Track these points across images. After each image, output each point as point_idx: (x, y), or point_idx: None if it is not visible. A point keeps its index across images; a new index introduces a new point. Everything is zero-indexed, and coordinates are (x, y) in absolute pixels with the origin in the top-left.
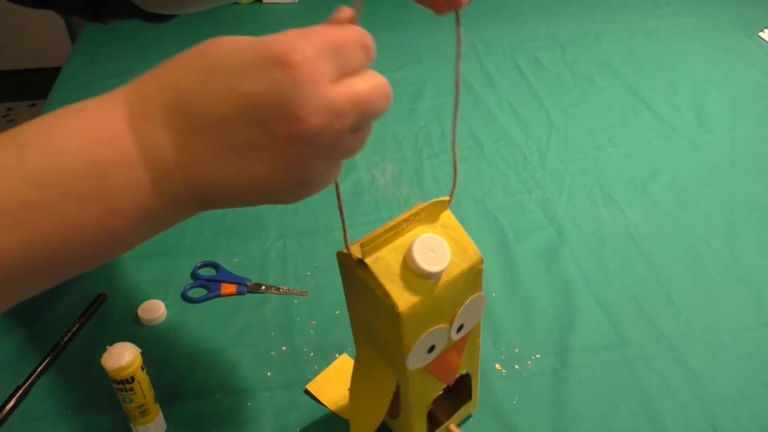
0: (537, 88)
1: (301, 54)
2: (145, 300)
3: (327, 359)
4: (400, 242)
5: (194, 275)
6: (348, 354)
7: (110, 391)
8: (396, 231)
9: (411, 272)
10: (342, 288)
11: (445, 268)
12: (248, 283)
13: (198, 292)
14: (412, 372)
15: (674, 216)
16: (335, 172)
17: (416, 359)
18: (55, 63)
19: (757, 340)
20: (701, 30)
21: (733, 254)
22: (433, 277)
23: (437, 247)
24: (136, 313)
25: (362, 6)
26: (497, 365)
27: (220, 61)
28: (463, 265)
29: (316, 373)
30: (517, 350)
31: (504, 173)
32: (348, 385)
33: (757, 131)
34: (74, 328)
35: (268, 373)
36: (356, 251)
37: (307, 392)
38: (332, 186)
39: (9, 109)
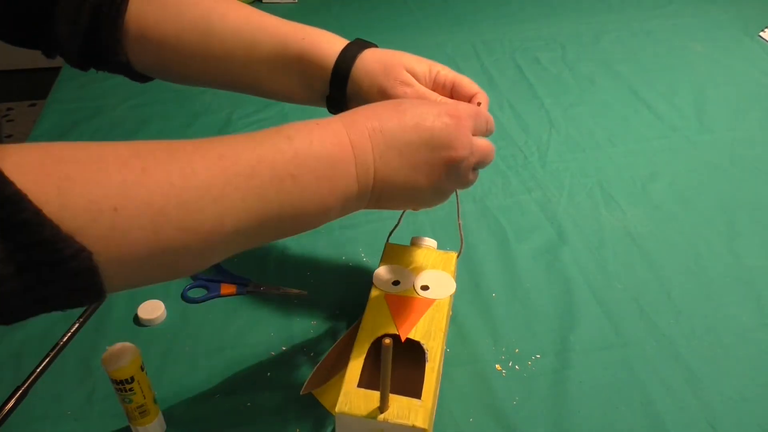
0: (537, 88)
1: (463, 111)
2: (145, 300)
3: None
4: None
5: (194, 275)
6: None
7: (110, 391)
8: None
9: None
10: (342, 288)
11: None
12: (248, 283)
13: (198, 292)
14: (373, 297)
15: (674, 216)
16: (453, 191)
17: (382, 280)
18: (55, 63)
19: (758, 340)
20: (701, 30)
21: (734, 254)
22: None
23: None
24: (136, 313)
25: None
26: (497, 365)
27: (413, 107)
28: (438, 252)
29: None
30: (517, 350)
31: (504, 173)
32: (347, 385)
33: (757, 131)
34: (74, 328)
35: (268, 373)
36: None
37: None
38: None
39: (9, 109)
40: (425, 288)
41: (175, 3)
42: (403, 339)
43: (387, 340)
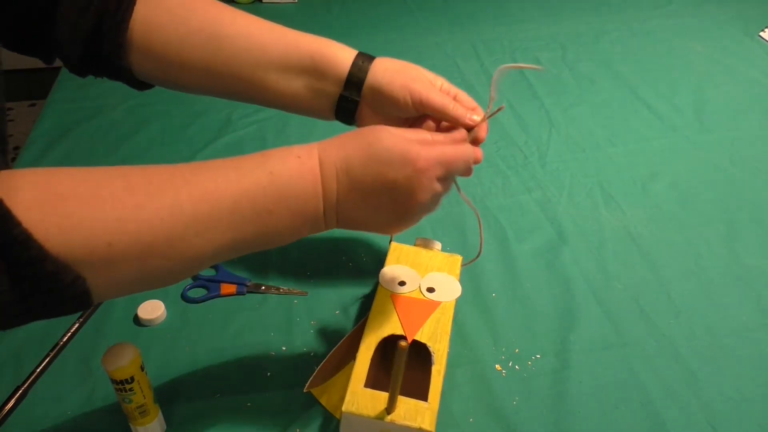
0: (537, 88)
1: (429, 163)
2: (145, 300)
3: None
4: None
5: (194, 275)
6: None
7: (110, 391)
8: None
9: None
10: (342, 288)
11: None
12: (248, 283)
13: (198, 292)
14: (379, 296)
15: (674, 216)
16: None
17: (388, 280)
18: (55, 63)
19: (758, 341)
20: (701, 30)
21: (734, 254)
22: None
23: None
24: (136, 314)
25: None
26: (497, 365)
27: (379, 153)
28: (444, 255)
29: None
30: (517, 350)
31: (504, 173)
32: (347, 386)
33: (757, 131)
34: (74, 328)
35: (268, 373)
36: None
37: (306, 392)
38: None
39: (9, 109)
40: (431, 290)
41: (182, 7)
42: (409, 340)
43: (403, 343)
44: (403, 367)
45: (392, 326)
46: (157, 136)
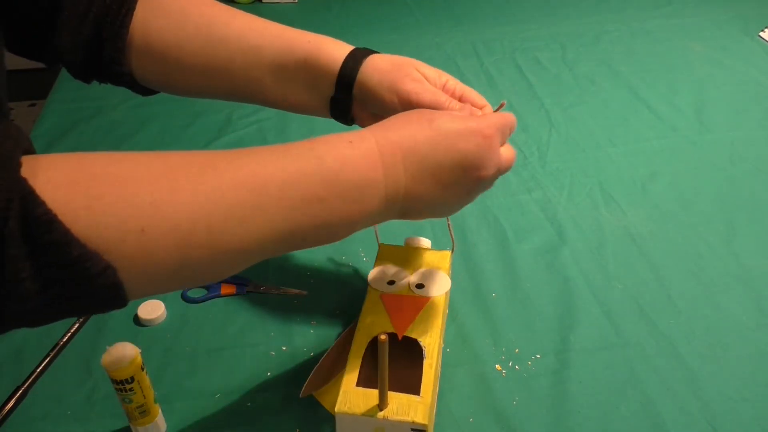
0: (537, 88)
1: (492, 130)
2: (145, 300)
3: None
4: None
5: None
6: None
7: (110, 391)
8: None
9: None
10: (342, 288)
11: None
12: (248, 283)
13: (198, 292)
14: (369, 297)
15: (674, 216)
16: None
17: (377, 280)
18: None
19: (758, 340)
20: (701, 30)
21: (733, 254)
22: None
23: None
24: (136, 313)
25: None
26: (497, 365)
27: (444, 127)
28: (433, 251)
29: None
30: (517, 350)
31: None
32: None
33: (757, 131)
34: (74, 328)
35: (268, 373)
36: None
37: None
38: None
39: (9, 109)
40: (420, 286)
41: (178, 12)
42: (399, 337)
43: (383, 336)
44: (387, 361)
45: (383, 325)
46: (157, 136)
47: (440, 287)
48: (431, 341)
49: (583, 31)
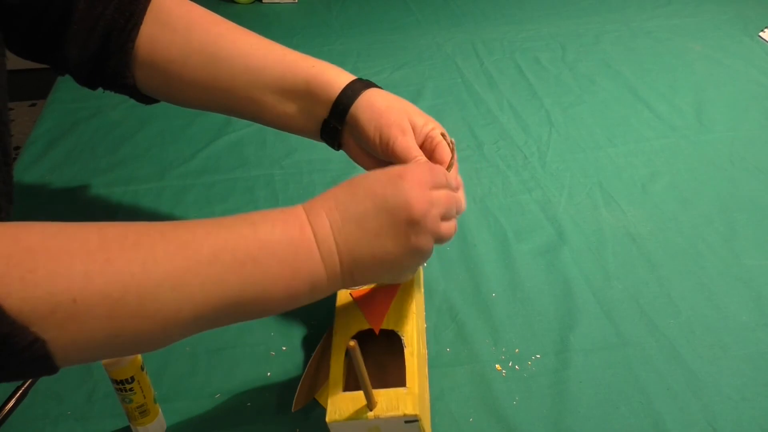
0: (537, 88)
1: (414, 170)
2: None
3: None
4: None
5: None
6: None
7: (110, 391)
8: None
9: None
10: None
11: None
12: None
13: None
14: (339, 299)
15: (674, 216)
16: (431, 247)
17: None
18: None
19: (758, 340)
20: (701, 30)
21: (733, 254)
22: None
23: None
24: None
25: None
26: (497, 365)
27: (362, 179)
28: None
29: None
30: (517, 350)
31: (504, 173)
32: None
33: (757, 131)
34: None
35: (268, 373)
36: None
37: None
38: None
39: (9, 109)
40: None
41: (184, 29)
42: (377, 331)
43: (351, 343)
44: (362, 364)
45: (358, 323)
46: (157, 136)
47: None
48: (409, 329)
49: (583, 31)
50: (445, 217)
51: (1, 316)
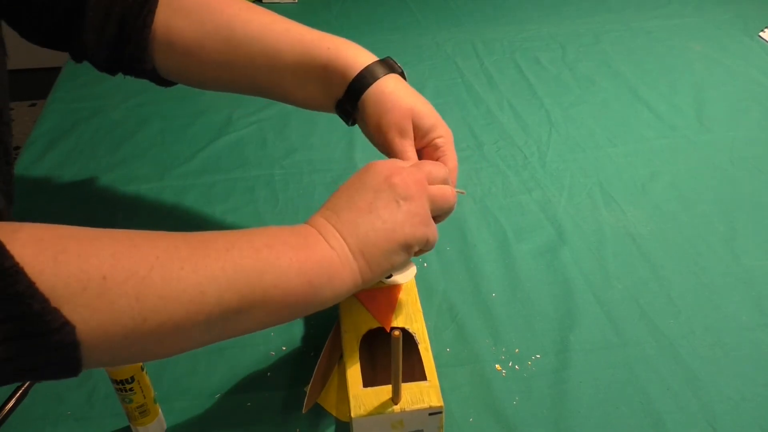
0: (537, 88)
1: (389, 163)
2: None
3: None
4: None
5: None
6: None
7: (110, 391)
8: None
9: None
10: None
11: None
12: None
13: None
14: (344, 301)
15: (674, 216)
16: (427, 210)
17: None
18: (55, 63)
19: (758, 341)
20: (701, 30)
21: (733, 254)
22: None
23: None
24: None
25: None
26: (497, 365)
27: (352, 179)
28: None
29: None
30: (517, 350)
31: (504, 173)
32: (342, 384)
33: (757, 131)
34: None
35: (268, 373)
36: None
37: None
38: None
39: (9, 109)
40: (388, 276)
41: (199, 11)
42: (387, 329)
43: (396, 333)
44: (400, 355)
45: (367, 322)
46: (157, 136)
47: (408, 272)
48: (418, 326)
49: (583, 31)
50: (432, 183)
51: (35, 294)
